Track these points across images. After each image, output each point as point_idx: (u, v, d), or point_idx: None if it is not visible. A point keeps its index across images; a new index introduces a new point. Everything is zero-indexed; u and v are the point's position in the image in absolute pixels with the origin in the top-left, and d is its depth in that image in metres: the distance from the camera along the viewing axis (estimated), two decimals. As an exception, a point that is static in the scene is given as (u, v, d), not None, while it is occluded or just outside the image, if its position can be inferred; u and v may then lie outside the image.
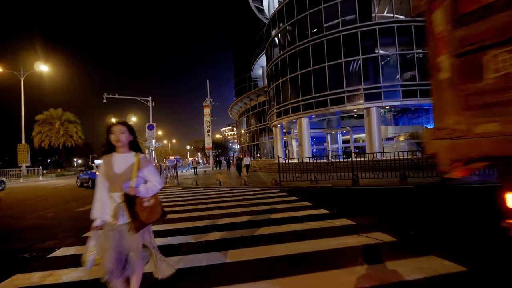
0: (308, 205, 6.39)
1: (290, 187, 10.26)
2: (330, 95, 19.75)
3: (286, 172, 12.09)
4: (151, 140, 25.17)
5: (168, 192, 11.13)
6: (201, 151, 74.39)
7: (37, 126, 34.54)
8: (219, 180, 12.95)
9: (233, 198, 8.34)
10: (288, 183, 11.07)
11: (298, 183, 10.87)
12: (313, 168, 12.72)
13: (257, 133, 38.02)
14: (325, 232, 4.08)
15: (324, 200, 7.18)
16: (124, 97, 25.28)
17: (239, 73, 58.84)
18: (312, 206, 6.19)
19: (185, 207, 7.05)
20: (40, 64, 29.07)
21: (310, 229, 4.29)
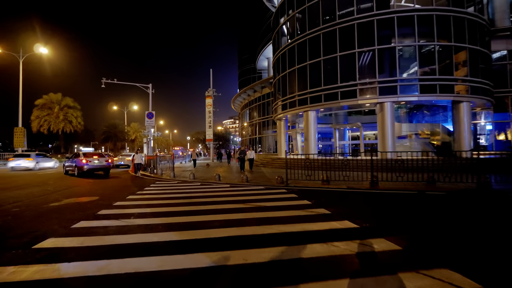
0: (326, 213, 5.21)
1: (299, 186, 9.09)
2: (341, 88, 18.41)
3: (292, 168, 10.92)
4: (150, 129, 24.04)
5: (161, 186, 9.99)
6: (202, 143, 73.40)
7: (36, 110, 33.52)
8: (218, 174, 11.81)
9: (232, 198, 7.19)
10: (296, 181, 9.90)
11: (307, 182, 9.69)
12: (322, 165, 11.52)
13: (260, 126, 36.78)
14: (364, 262, 2.91)
15: (344, 207, 6.00)
16: (123, 83, 24.07)
17: (244, 64, 57.22)
18: (332, 216, 5.02)
19: (172, 208, 5.90)
20: (40, 46, 27.81)
21: (341, 255, 3.09)
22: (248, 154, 14.85)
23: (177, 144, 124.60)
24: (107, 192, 8.58)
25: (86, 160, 14.60)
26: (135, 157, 15.23)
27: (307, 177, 9.80)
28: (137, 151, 15.79)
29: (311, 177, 9.72)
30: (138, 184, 11.05)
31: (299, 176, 10.09)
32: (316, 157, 15.49)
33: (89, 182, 11.53)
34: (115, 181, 12.29)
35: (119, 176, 14.61)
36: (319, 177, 9.68)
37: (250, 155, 14.87)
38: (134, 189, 9.28)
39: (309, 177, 9.73)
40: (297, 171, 10.42)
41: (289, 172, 9.89)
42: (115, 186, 10.12)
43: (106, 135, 52.60)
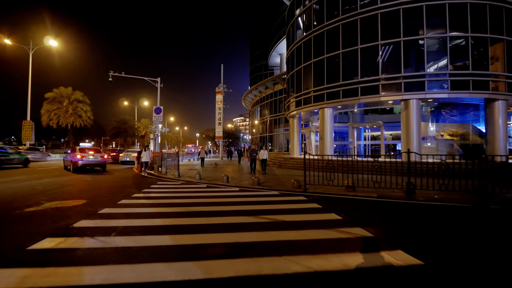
0: (367, 236, 3.92)
1: (319, 193, 7.82)
2: (362, 83, 16.90)
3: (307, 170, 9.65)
4: (157, 125, 23.18)
5: (162, 188, 8.91)
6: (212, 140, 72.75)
7: (46, 104, 33.31)
8: (227, 175, 10.65)
9: (242, 207, 6.00)
10: (315, 187, 8.62)
11: (328, 188, 8.39)
12: (339, 167, 10.15)
13: (271, 123, 35.53)
14: None
15: (386, 225, 4.68)
16: (131, 76, 23.27)
17: (255, 61, 55.95)
18: (375, 240, 3.74)
19: (167, 220, 4.75)
20: (50, 39, 27.42)
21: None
22: (260, 154, 13.61)
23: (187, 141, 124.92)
24: (99, 194, 7.55)
25: (80, 156, 14.16)
26: (142, 155, 13.44)
27: (328, 182, 8.49)
28: (145, 148, 14.13)
29: (333, 181, 8.40)
30: (137, 184, 10.02)
31: (318, 180, 8.79)
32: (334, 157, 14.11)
33: (85, 180, 10.60)
34: (114, 179, 11.32)
35: (120, 174, 13.69)
36: (342, 182, 8.36)
37: (263, 155, 13.59)
38: (131, 191, 8.22)
39: (331, 182, 8.43)
40: (314, 173, 9.11)
41: (306, 174, 8.62)
42: (111, 187, 9.11)
43: (116, 131, 52.41)
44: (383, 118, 24.73)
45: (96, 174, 13.13)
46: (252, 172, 13.44)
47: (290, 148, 24.40)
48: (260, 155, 13.57)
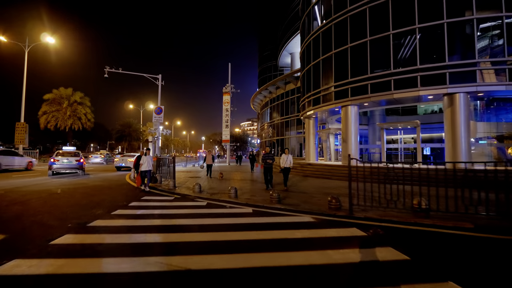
0: None
1: (374, 220, 5.16)
2: (395, 75, 14.16)
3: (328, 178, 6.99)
4: (158, 126, 20.87)
5: (143, 209, 6.35)
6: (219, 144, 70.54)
7: (45, 105, 31.65)
8: (234, 188, 8.04)
9: (255, 244, 3.41)
10: (362, 207, 5.94)
11: (384, 211, 5.70)
12: (373, 176, 7.39)
13: (282, 126, 32.87)
14: None
15: None
16: (129, 73, 21.08)
17: (264, 62, 53.63)
18: None
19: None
20: (46, 36, 25.71)
21: None
22: (282, 160, 9.68)
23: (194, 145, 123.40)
24: (43, 219, 5.10)
25: (54, 159, 14.15)
26: (142, 161, 9.73)
27: (379, 199, 5.79)
28: (145, 151, 10.12)
29: (389, 202, 5.69)
30: (112, 200, 7.52)
31: (359, 194, 6.11)
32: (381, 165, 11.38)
33: (50, 193, 8.19)
34: (87, 191, 8.88)
35: (102, 184, 11.28)
36: (400, 199, 5.64)
37: (285, 162, 9.52)
38: (96, 213, 5.74)
39: (385, 201, 5.72)
40: (346, 184, 6.43)
41: (334, 185, 5.96)
42: (74, 204, 6.66)
43: (120, 134, 50.77)
44: (402, 119, 21.87)
45: (72, 181, 10.76)
46: (269, 187, 9.55)
47: (305, 152, 21.71)
48: (281, 162, 9.54)
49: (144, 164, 9.75)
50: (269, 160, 9.71)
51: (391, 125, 16.66)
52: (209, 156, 15.75)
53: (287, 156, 9.66)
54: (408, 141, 26.39)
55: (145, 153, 10.16)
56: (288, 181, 9.65)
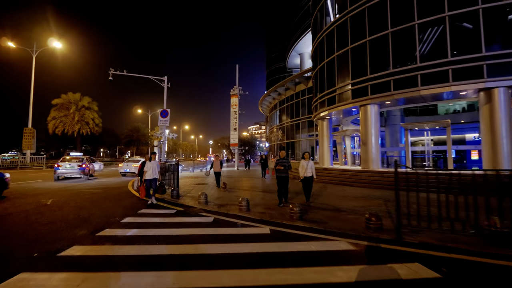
0: None
1: (433, 248, 3.84)
2: (422, 70, 12.74)
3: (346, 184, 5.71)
4: (163, 130, 19.97)
5: (143, 223, 5.19)
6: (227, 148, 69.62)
7: (54, 110, 31.41)
8: (246, 200, 6.82)
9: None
10: (412, 229, 4.61)
11: (444, 235, 4.35)
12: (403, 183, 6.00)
13: (292, 129, 31.55)
14: None
15: None
16: (134, 75, 20.32)
17: (272, 63, 52.56)
18: None
19: None
20: (53, 40, 25.38)
21: None
22: (301, 168, 7.45)
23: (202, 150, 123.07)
24: (8, 244, 4.01)
25: (58, 165, 14.86)
26: (146, 167, 8.04)
27: (438, 219, 4.44)
28: (150, 156, 8.41)
29: (442, 220, 4.34)
30: (108, 213, 6.41)
31: (396, 208, 4.77)
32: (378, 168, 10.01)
33: (37, 205, 7.17)
34: (82, 201, 7.83)
35: (103, 192, 10.25)
36: (448, 216, 4.28)
37: (306, 170, 7.34)
38: (78, 234, 4.62)
39: (443, 221, 4.37)
40: (383, 193, 5.10)
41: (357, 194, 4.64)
42: (58, 220, 5.59)
43: (129, 139, 50.49)
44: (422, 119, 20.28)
45: (71, 188, 9.77)
46: (283, 202, 7.37)
47: (319, 156, 20.34)
48: (301, 170, 7.44)
49: (149, 171, 7.98)
50: (284, 170, 7.36)
51: (417, 125, 15.16)
52: (217, 161, 12.15)
53: (308, 162, 7.41)
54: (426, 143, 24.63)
55: (150, 158, 8.41)
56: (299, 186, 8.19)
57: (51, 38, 25.22)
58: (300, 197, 8.39)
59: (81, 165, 15.43)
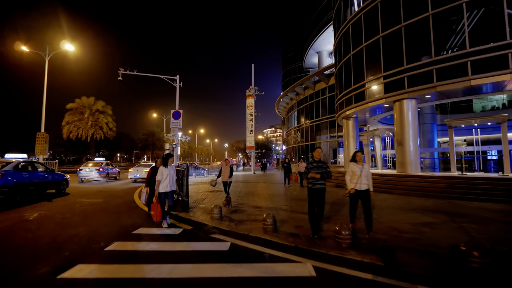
0: None
1: None
2: (474, 55, 10.71)
3: (394, 192, 3.98)
4: (176, 132, 18.84)
5: (120, 262, 3.72)
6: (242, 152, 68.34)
7: (68, 115, 31.35)
8: (272, 216, 5.21)
9: None
10: None
11: None
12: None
13: (311, 130, 29.68)
14: None
15: None
16: (144, 75, 19.37)
17: (288, 63, 50.91)
18: None
19: None
20: (66, 43, 25.09)
21: None
22: (350, 176, 4.92)
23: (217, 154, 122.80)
24: None
25: (79, 169, 16.97)
26: (160, 176, 5.73)
27: None
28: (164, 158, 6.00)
29: None
30: (95, 235, 5.03)
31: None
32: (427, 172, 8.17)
33: (19, 220, 5.93)
34: (72, 215, 6.55)
35: (103, 202, 9.01)
36: None
37: (359, 180, 4.81)
38: (38, 272, 3.21)
39: None
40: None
41: (405, 205, 2.94)
42: (26, 247, 4.29)
43: (144, 143, 50.37)
44: (470, 116, 17.83)
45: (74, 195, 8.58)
46: (317, 232, 4.75)
47: (344, 159, 18.43)
48: (350, 180, 4.91)
49: (164, 181, 5.67)
50: (321, 175, 4.66)
51: (464, 121, 13.00)
52: (226, 168, 8.53)
53: (362, 167, 4.84)
54: (459, 144, 22.12)
55: (156, 163, 6.59)
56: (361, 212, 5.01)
57: (64, 41, 24.90)
58: (339, 214, 6.69)
59: (99, 169, 17.05)
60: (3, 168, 8.16)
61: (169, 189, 5.76)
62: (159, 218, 5.65)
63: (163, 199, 5.74)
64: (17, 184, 8.32)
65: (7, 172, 8.09)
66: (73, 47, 25.22)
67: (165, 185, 5.71)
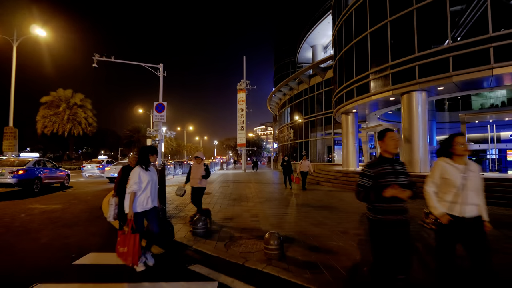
0: None
1: None
2: (496, 41, 9.48)
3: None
4: (159, 127, 16.99)
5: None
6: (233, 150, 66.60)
7: (43, 109, 28.81)
8: (276, 236, 3.64)
9: None
10: None
11: None
12: None
13: (305, 127, 28.31)
14: None
15: None
16: (123, 62, 17.26)
17: (281, 59, 49.42)
18: None
19: None
20: (36, 28, 22.63)
21: None
22: (444, 193, 2.32)
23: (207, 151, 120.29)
24: None
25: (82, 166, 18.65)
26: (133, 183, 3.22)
27: None
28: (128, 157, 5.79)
29: None
30: (9, 269, 3.35)
31: None
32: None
33: None
34: (17, 235, 4.84)
35: (59, 210, 7.26)
36: None
37: (463, 198, 2.20)
38: None
39: None
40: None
41: None
42: None
43: (129, 140, 47.89)
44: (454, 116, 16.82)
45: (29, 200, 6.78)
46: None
47: (343, 157, 17.11)
48: (433, 198, 2.34)
49: (144, 193, 3.33)
50: (407, 191, 2.15)
51: (478, 117, 11.84)
52: (198, 168, 5.60)
53: (465, 168, 2.28)
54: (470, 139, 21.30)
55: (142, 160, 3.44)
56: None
57: (34, 25, 22.47)
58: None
59: (98, 166, 17.62)
60: (25, 165, 10.09)
61: (150, 205, 3.38)
62: (136, 260, 3.15)
63: (140, 223, 3.32)
64: (37, 178, 10.33)
65: (29, 169, 10.10)
66: (45, 32, 22.77)
67: (144, 199, 3.30)
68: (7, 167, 9.71)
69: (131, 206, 3.17)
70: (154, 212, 3.47)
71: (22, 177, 9.63)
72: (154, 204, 3.47)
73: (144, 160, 3.42)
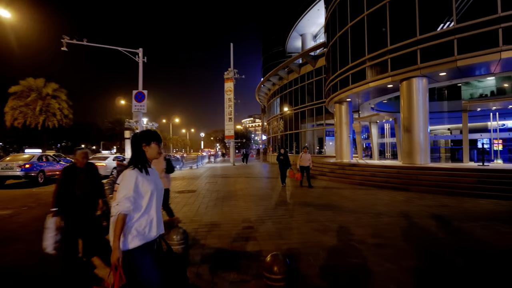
0: None
1: None
2: (505, 21, 8.73)
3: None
4: (139, 118, 15.67)
5: None
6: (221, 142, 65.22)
7: (12, 100, 26.37)
8: (283, 263, 2.64)
9: None
10: None
11: None
12: None
13: (296, 118, 27.38)
14: None
15: None
16: (98, 45, 15.65)
17: (269, 48, 47.99)
18: None
19: None
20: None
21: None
22: None
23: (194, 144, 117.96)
24: None
25: None
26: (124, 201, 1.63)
27: None
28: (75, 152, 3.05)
29: None
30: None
31: None
32: None
33: None
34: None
35: (13, 218, 5.99)
36: None
37: None
38: None
39: None
40: None
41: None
42: None
43: (111, 133, 45.57)
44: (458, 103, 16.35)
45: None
46: None
47: (337, 149, 16.33)
48: None
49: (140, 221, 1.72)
50: None
51: (480, 104, 11.22)
52: (160, 162, 4.20)
53: None
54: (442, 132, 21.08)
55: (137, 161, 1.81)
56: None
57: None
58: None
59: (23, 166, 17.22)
60: (31, 160, 11.49)
61: (155, 233, 1.79)
62: None
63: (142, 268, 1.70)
64: (40, 171, 11.55)
65: (33, 163, 11.45)
66: (9, 13, 20.45)
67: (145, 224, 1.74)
68: (15, 162, 11.15)
69: (118, 238, 1.62)
70: (160, 244, 1.91)
71: (28, 170, 11.04)
72: (160, 230, 1.86)
73: (139, 157, 1.84)
